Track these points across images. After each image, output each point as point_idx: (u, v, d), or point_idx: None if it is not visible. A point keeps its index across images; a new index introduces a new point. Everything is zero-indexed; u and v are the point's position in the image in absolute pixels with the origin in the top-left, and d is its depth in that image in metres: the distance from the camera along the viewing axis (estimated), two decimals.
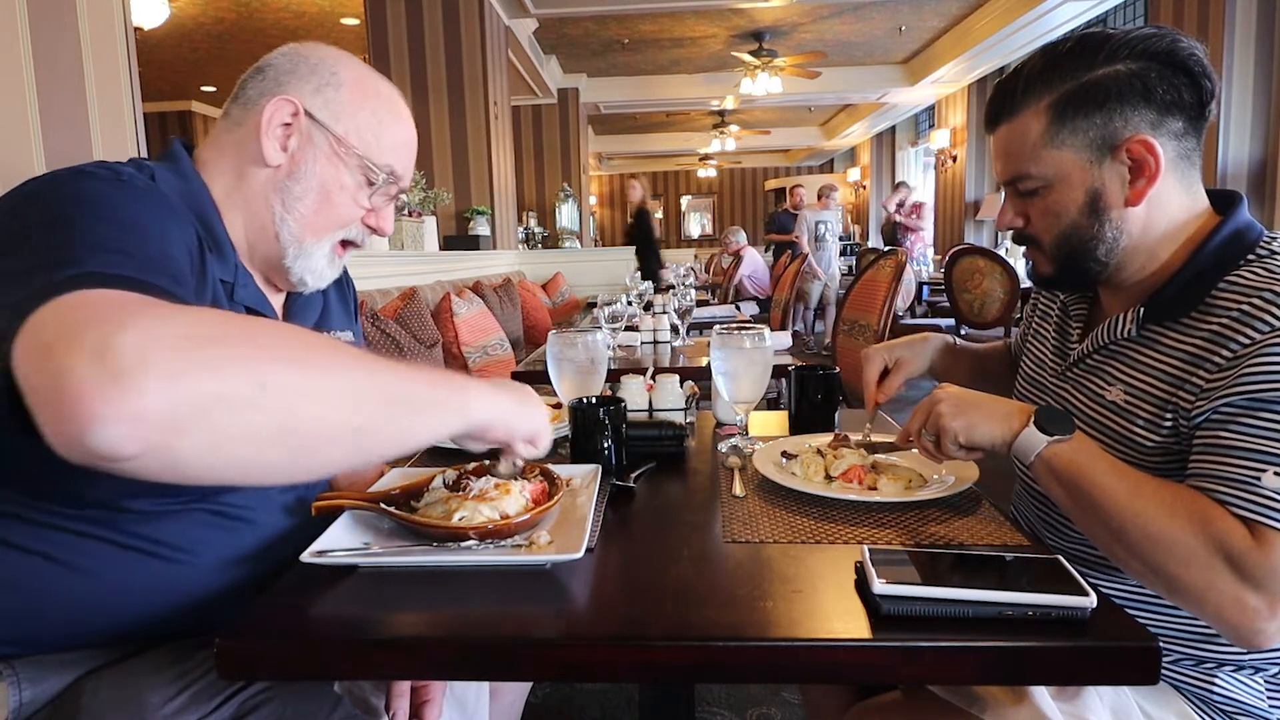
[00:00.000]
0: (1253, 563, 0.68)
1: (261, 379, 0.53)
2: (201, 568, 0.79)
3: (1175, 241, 0.86)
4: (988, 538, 0.80)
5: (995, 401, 0.85)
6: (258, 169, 0.87)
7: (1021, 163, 0.88)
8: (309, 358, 0.58)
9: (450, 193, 5.22)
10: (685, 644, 0.61)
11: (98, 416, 0.48)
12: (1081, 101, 0.83)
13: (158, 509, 0.77)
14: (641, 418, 1.22)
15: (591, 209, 12.66)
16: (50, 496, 0.74)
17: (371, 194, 0.92)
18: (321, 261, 0.92)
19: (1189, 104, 0.83)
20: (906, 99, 10.13)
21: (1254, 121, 4.43)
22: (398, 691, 0.90)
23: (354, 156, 0.89)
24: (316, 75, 0.89)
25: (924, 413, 0.88)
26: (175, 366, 0.50)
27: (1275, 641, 0.69)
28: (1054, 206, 0.88)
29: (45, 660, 0.75)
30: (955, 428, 0.83)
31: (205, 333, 0.54)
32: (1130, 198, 0.85)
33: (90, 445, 0.48)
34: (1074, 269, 0.90)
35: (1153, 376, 0.84)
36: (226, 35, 7.10)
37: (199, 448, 0.52)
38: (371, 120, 0.90)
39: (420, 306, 2.77)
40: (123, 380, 0.48)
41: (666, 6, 6.64)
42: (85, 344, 0.49)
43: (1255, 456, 0.71)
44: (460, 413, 0.70)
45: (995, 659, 0.60)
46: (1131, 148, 0.83)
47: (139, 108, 1.78)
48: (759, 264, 7.72)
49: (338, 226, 0.91)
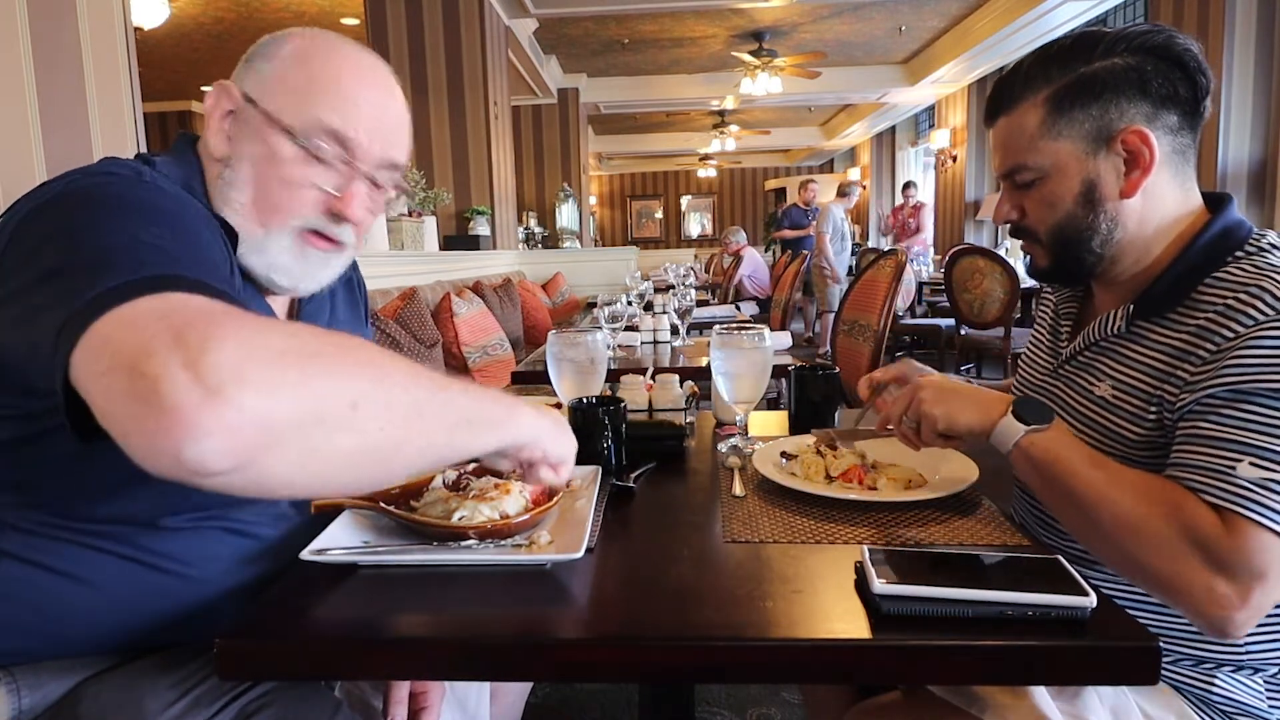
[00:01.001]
0: (1223, 550, 0.69)
1: (353, 398, 0.53)
2: (207, 581, 0.78)
3: (1168, 238, 0.88)
4: (988, 538, 0.80)
5: (976, 391, 0.86)
6: (214, 164, 0.83)
7: (1019, 154, 0.90)
8: (390, 376, 0.57)
9: (450, 193, 5.23)
10: (685, 644, 0.61)
11: (195, 430, 0.46)
12: (1078, 93, 0.85)
13: (178, 525, 0.76)
14: (641, 418, 1.21)
15: (591, 209, 12.67)
16: (63, 512, 0.73)
17: (324, 170, 0.81)
18: (284, 257, 0.82)
19: (1184, 99, 0.84)
20: (906, 99, 10.13)
21: (1254, 121, 4.43)
22: (395, 696, 0.90)
23: (284, 122, 0.79)
24: (260, 55, 0.83)
25: (905, 399, 0.89)
26: (273, 382, 0.49)
27: (1246, 630, 0.70)
28: (1049, 197, 0.89)
29: (44, 666, 0.75)
30: (936, 414, 0.85)
31: (299, 348, 0.53)
32: (1125, 189, 0.85)
33: (184, 459, 0.47)
34: (1070, 260, 0.91)
35: (1140, 371, 0.85)
36: (226, 35, 7.10)
37: (288, 464, 0.51)
38: (305, 81, 0.81)
39: (420, 306, 2.77)
40: (222, 394, 0.47)
41: (666, 6, 6.64)
42: (179, 355, 0.48)
43: (1232, 446, 0.72)
44: (510, 430, 0.69)
45: (995, 659, 0.60)
46: (1127, 139, 0.84)
47: (139, 108, 1.78)
48: (759, 264, 7.72)
49: (287, 214, 0.81)
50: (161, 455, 0.48)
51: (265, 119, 0.79)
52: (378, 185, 0.86)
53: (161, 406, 0.46)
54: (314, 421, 0.51)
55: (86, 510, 0.73)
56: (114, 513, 0.74)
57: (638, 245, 11.31)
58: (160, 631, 0.77)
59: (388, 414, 0.55)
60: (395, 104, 0.87)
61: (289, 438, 0.50)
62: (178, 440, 0.46)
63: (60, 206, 0.66)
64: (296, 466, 0.51)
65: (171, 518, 0.76)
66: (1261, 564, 0.68)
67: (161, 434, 0.47)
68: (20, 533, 0.73)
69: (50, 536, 0.73)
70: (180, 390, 0.46)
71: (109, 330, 0.51)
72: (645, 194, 16.92)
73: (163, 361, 0.47)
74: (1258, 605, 0.69)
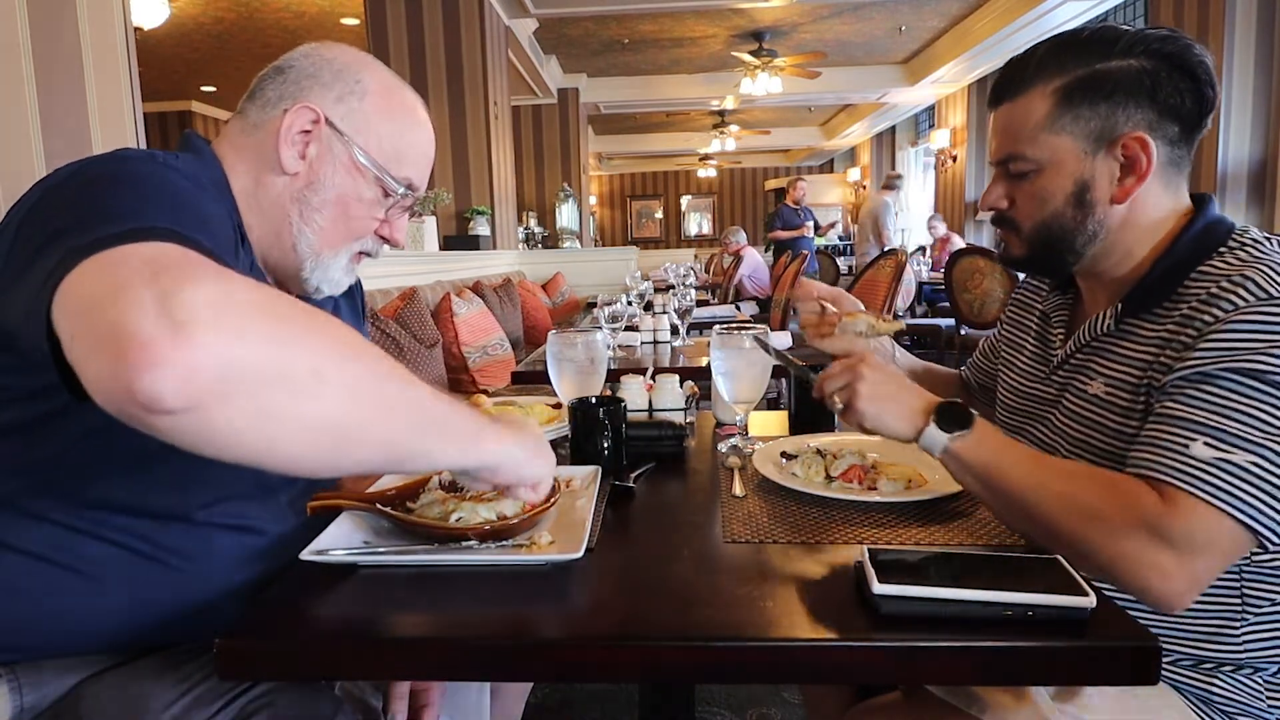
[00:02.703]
0: (1165, 525, 0.70)
1: (320, 368, 0.53)
2: (207, 576, 0.79)
3: (1153, 238, 0.88)
4: (987, 538, 0.80)
5: (907, 396, 0.84)
6: (275, 176, 0.85)
7: (1018, 143, 0.89)
8: (364, 360, 0.57)
9: (450, 193, 5.23)
10: (685, 644, 0.61)
11: (152, 361, 0.46)
12: (1089, 89, 0.84)
13: (185, 518, 0.77)
14: (641, 418, 1.21)
15: (591, 209, 12.66)
16: (71, 499, 0.73)
17: (388, 207, 0.90)
18: (339, 272, 0.91)
19: (1189, 111, 0.84)
20: (906, 99, 10.13)
21: (1254, 121, 4.43)
22: (396, 694, 0.90)
23: (374, 169, 0.87)
24: (340, 82, 0.86)
25: (844, 376, 0.86)
26: (242, 330, 0.49)
27: (1188, 601, 0.71)
28: (1041, 192, 0.89)
29: (45, 665, 0.75)
30: (864, 411, 0.83)
31: (276, 309, 0.53)
32: (1116, 195, 0.86)
33: (137, 389, 0.46)
34: (1048, 256, 0.92)
35: (1129, 365, 0.86)
36: (226, 35, 7.10)
37: (242, 419, 0.50)
38: (393, 133, 0.88)
39: (420, 306, 2.77)
40: (187, 330, 0.46)
41: (666, 6, 6.64)
42: (153, 290, 0.47)
43: (1189, 426, 0.74)
44: (478, 450, 0.68)
45: (995, 659, 0.60)
46: (1127, 144, 0.84)
47: (139, 108, 1.78)
48: (759, 264, 7.71)
49: (354, 238, 0.90)
50: (115, 385, 0.47)
51: (358, 155, 0.86)
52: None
53: (124, 335, 0.46)
54: (276, 379, 0.50)
55: (96, 496, 0.73)
56: (122, 499, 0.74)
57: (638, 245, 11.31)
58: (162, 628, 0.77)
59: (353, 394, 0.55)
60: (434, 144, 0.96)
61: (247, 390, 0.49)
62: (134, 369, 0.46)
63: (68, 186, 0.67)
64: (249, 424, 0.50)
65: (181, 508, 0.76)
66: (1204, 539, 0.70)
67: (119, 361, 0.46)
68: (25, 522, 0.73)
69: (56, 526, 0.73)
70: (146, 321, 0.46)
71: (91, 271, 0.51)
72: (645, 194, 16.91)
73: (135, 296, 0.47)
74: (1198, 579, 0.71)
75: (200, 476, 0.76)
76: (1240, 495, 0.70)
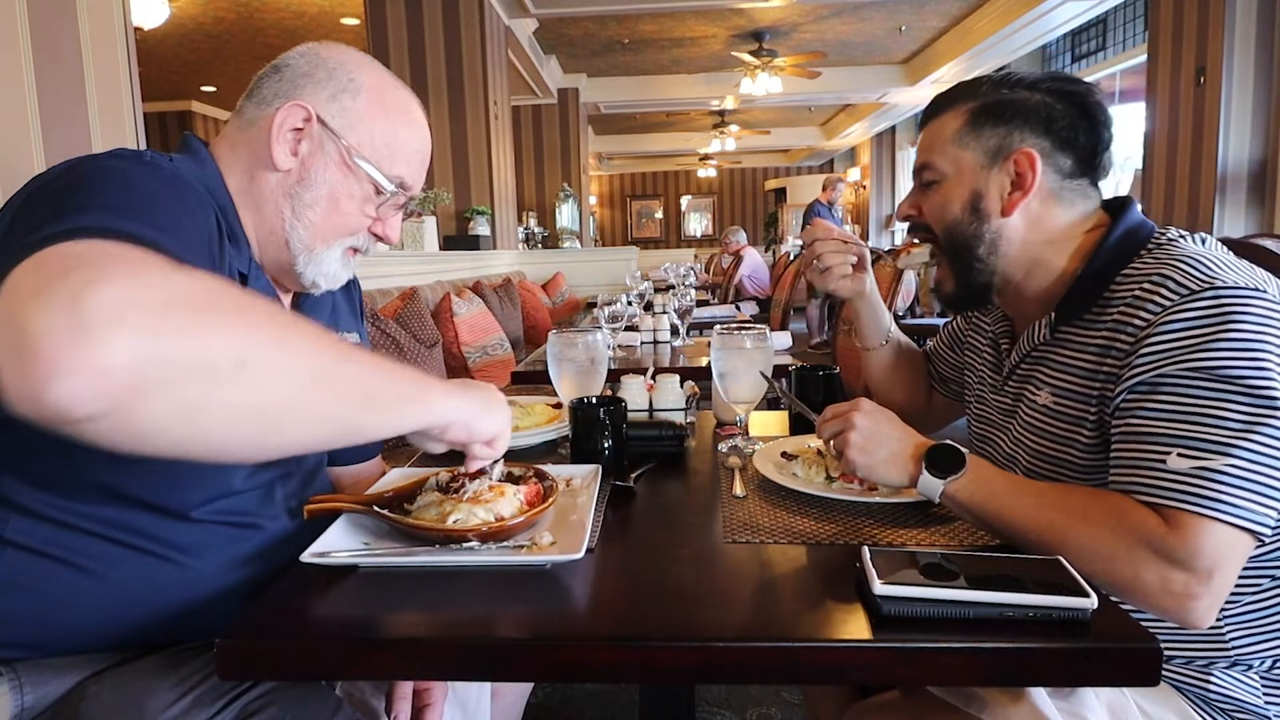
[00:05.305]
0: (1171, 546, 0.71)
1: (241, 355, 0.51)
2: (207, 572, 0.79)
3: (1068, 250, 0.93)
4: (988, 538, 0.80)
5: (899, 443, 0.85)
6: (268, 172, 0.86)
7: (930, 154, 0.98)
8: (290, 340, 0.57)
9: (450, 193, 5.23)
10: (685, 644, 0.61)
11: (57, 368, 0.44)
12: (994, 112, 0.94)
13: (187, 514, 0.77)
14: (641, 418, 1.21)
15: (591, 209, 12.66)
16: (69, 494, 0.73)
17: (380, 204, 0.91)
18: (334, 265, 0.91)
19: (1083, 146, 0.91)
20: (906, 99, 10.13)
21: (1254, 121, 4.42)
22: (399, 694, 0.90)
23: (365, 167, 0.87)
24: (334, 80, 0.87)
25: (838, 425, 0.87)
26: (151, 327, 0.47)
27: (1213, 616, 0.72)
28: (943, 199, 0.97)
29: (47, 664, 0.75)
30: (858, 463, 0.85)
31: (193, 299, 0.51)
32: (1005, 207, 0.93)
33: (47, 400, 0.45)
34: (964, 269, 0.97)
35: (1071, 374, 0.89)
36: (226, 35, 7.10)
37: (164, 414, 0.49)
38: (385, 131, 0.89)
39: (420, 306, 2.77)
40: (91, 333, 0.45)
41: (666, 6, 6.64)
42: (59, 293, 0.46)
43: (1158, 439, 0.75)
44: (423, 410, 0.69)
45: (995, 660, 0.60)
46: (1018, 159, 0.92)
47: (139, 108, 1.78)
48: (759, 264, 7.71)
49: (346, 234, 0.91)
50: (27, 396, 0.46)
51: (349, 153, 0.87)
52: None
53: (27, 344, 0.45)
54: (194, 372, 0.49)
55: (90, 490, 0.73)
56: (116, 491, 0.74)
57: (638, 245, 11.31)
58: (163, 627, 0.77)
59: (280, 376, 0.54)
60: (430, 145, 0.97)
61: (165, 386, 0.48)
62: (41, 379, 0.44)
63: (52, 185, 0.67)
64: (173, 418, 0.50)
65: (176, 502, 0.76)
66: (1213, 554, 0.70)
67: (26, 371, 0.45)
68: (27, 519, 0.73)
69: (58, 523, 0.73)
70: (49, 329, 0.45)
71: (19, 274, 0.50)
72: (645, 194, 16.91)
73: (44, 301, 0.46)
74: (1216, 592, 0.71)
75: (190, 467, 0.76)
76: (1228, 500, 0.71)
